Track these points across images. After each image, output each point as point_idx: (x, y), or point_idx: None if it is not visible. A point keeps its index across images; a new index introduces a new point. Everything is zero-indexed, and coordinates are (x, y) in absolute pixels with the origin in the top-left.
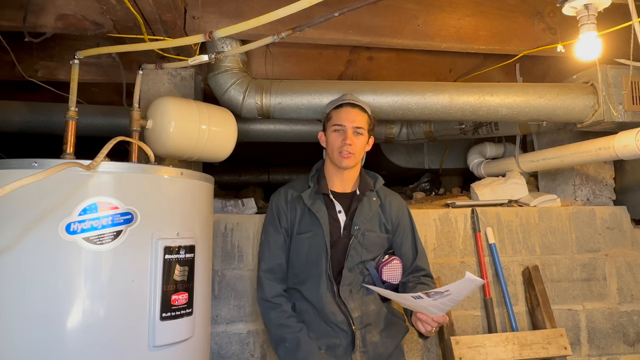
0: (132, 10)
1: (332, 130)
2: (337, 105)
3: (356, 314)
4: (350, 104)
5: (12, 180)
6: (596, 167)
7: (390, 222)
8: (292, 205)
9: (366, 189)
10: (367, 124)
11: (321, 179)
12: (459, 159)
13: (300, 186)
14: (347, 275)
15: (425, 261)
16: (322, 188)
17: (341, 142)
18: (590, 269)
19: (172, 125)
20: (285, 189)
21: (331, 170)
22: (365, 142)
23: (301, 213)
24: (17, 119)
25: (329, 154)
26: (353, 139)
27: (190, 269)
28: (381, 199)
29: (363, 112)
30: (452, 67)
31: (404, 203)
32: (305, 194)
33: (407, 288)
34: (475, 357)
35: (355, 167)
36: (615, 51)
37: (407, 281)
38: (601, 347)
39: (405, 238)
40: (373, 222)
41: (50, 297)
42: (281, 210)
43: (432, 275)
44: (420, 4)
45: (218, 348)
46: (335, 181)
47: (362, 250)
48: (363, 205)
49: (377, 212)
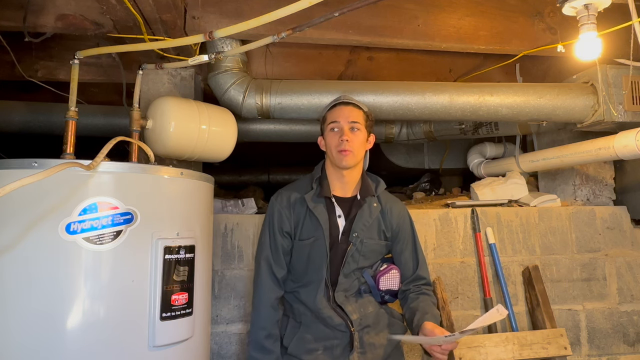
0: (132, 10)
1: (329, 130)
2: (331, 107)
3: (355, 316)
4: (344, 102)
5: (12, 180)
6: (596, 167)
7: (390, 229)
8: (294, 209)
9: (367, 193)
10: (363, 120)
11: (323, 181)
12: (459, 159)
13: (303, 188)
14: (342, 281)
15: (425, 270)
16: (325, 191)
17: (339, 140)
18: (590, 269)
19: (172, 125)
20: (286, 191)
21: (332, 173)
22: (364, 139)
23: (303, 216)
24: (17, 119)
25: (329, 155)
26: (350, 135)
27: (190, 269)
28: (382, 205)
29: (358, 108)
30: (452, 67)
31: (406, 210)
32: (308, 196)
33: (409, 298)
34: (475, 357)
35: (357, 168)
36: (615, 51)
37: (408, 290)
38: (601, 347)
39: (405, 246)
40: (372, 229)
41: (51, 297)
42: (283, 215)
43: (432, 283)
44: (420, 4)
45: (218, 348)
46: (336, 184)
47: (360, 257)
48: (363, 211)
49: (377, 219)
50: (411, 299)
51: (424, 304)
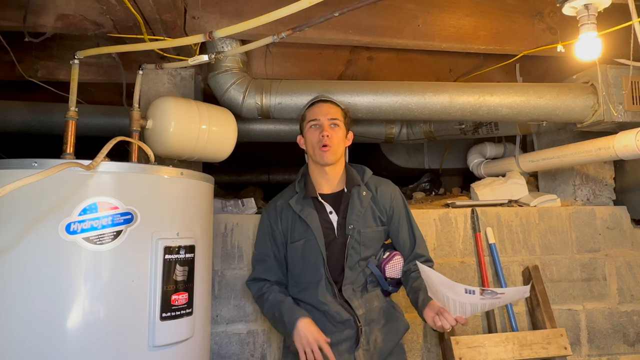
0: (132, 10)
1: (308, 127)
2: (309, 105)
3: (361, 312)
4: (322, 100)
5: (12, 180)
6: (596, 167)
7: (384, 212)
8: (281, 216)
9: (353, 184)
10: (341, 116)
11: (308, 182)
12: (459, 159)
13: (288, 194)
14: (349, 274)
15: (424, 247)
16: (310, 192)
17: (319, 136)
18: (590, 269)
19: (172, 125)
20: (274, 200)
21: (315, 171)
22: (343, 136)
23: (292, 221)
24: (17, 119)
25: (310, 153)
26: (330, 131)
27: (190, 269)
28: (372, 191)
29: (336, 106)
30: (452, 67)
31: (397, 189)
32: (292, 201)
33: (410, 278)
34: (475, 357)
35: (338, 163)
36: (615, 51)
37: (409, 270)
38: (601, 347)
39: (401, 226)
40: (367, 217)
41: (51, 297)
42: (272, 224)
43: (432, 260)
44: (420, 4)
45: (218, 348)
46: (322, 182)
47: (361, 247)
48: (353, 202)
49: (369, 206)
50: (413, 279)
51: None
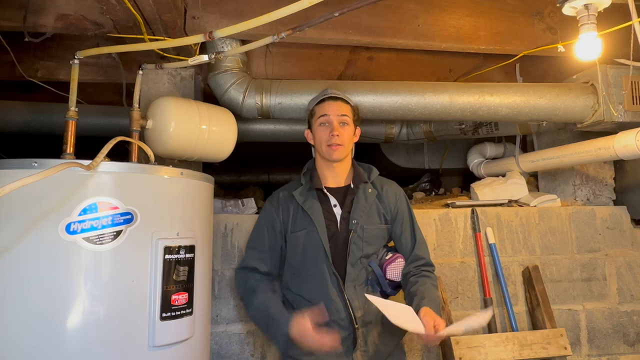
0: (132, 10)
1: (318, 125)
2: (319, 101)
3: (359, 313)
4: (332, 97)
5: (12, 180)
6: (596, 167)
7: (389, 211)
8: (284, 206)
9: (360, 181)
10: (351, 114)
11: (314, 175)
12: (459, 159)
13: (292, 186)
14: (350, 271)
15: (424, 249)
16: (315, 183)
17: (329, 135)
18: (590, 269)
19: (172, 125)
20: (277, 191)
21: (322, 165)
22: (352, 133)
23: (294, 211)
24: (17, 119)
25: (318, 149)
26: (340, 130)
27: (190, 269)
28: (377, 189)
29: (346, 103)
30: (452, 67)
31: (401, 190)
32: (297, 192)
33: (409, 282)
34: (475, 357)
35: (346, 159)
36: (615, 51)
37: (409, 273)
38: (601, 347)
39: (404, 227)
40: (371, 214)
41: (51, 297)
42: (273, 212)
43: (433, 264)
44: (420, 4)
45: (218, 348)
46: (328, 176)
47: (363, 244)
48: (359, 197)
49: (374, 203)
50: (411, 283)
51: (424, 287)
